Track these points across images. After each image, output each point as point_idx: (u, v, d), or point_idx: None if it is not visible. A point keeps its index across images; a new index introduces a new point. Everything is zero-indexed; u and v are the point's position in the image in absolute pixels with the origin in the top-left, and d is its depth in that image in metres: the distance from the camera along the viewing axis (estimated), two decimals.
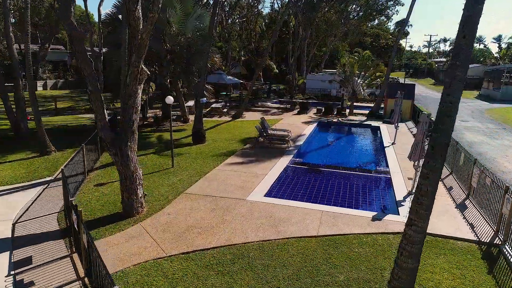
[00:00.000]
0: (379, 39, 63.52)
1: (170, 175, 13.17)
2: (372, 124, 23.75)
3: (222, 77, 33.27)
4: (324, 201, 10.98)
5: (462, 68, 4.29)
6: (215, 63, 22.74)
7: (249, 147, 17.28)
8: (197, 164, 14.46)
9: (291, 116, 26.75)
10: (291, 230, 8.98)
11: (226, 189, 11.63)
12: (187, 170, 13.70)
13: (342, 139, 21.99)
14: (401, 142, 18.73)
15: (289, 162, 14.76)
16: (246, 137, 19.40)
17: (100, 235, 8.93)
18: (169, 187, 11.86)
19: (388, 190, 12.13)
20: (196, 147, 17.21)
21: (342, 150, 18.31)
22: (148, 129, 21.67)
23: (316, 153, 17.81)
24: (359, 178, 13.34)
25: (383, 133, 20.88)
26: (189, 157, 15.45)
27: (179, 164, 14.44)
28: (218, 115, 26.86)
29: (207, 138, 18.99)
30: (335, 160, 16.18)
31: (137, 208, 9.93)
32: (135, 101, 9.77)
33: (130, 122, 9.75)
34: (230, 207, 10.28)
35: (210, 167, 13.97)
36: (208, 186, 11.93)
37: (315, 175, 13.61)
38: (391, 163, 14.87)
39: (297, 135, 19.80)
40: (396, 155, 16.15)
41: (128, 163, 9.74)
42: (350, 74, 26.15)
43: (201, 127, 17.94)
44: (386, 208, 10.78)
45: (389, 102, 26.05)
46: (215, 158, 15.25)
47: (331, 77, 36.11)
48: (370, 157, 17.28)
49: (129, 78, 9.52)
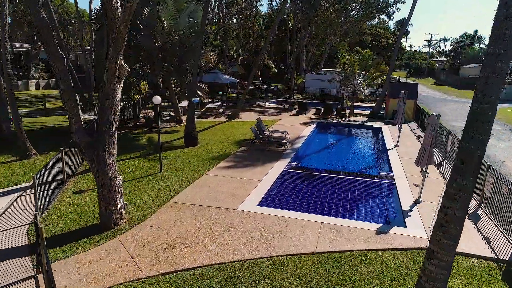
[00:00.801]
0: (380, 38, 62.56)
1: (157, 180, 12.20)
2: (373, 125, 22.79)
3: (219, 76, 32.31)
4: (323, 211, 10.01)
5: (504, 57, 3.32)
6: (210, 61, 21.77)
7: (244, 150, 16.31)
8: (187, 168, 13.49)
9: (289, 117, 25.78)
10: (286, 246, 8.01)
11: (216, 197, 10.66)
12: (176, 175, 12.73)
13: (342, 141, 21.01)
14: (404, 144, 17.77)
15: (285, 166, 13.80)
16: (241, 139, 18.44)
17: (73, 251, 7.96)
18: (154, 195, 10.88)
19: (392, 198, 11.16)
20: (188, 150, 16.23)
21: (342, 153, 17.34)
22: (139, 130, 20.69)
23: (314, 156, 16.84)
24: (361, 184, 12.37)
25: (385, 135, 19.92)
26: (179, 161, 14.48)
27: (168, 169, 13.47)
28: (214, 115, 25.89)
29: (200, 140, 18.04)
30: (335, 164, 15.22)
31: (116, 219, 8.96)
32: (114, 101, 8.81)
33: (108, 124, 8.78)
34: (219, 218, 9.30)
35: (201, 172, 13.00)
36: (197, 193, 10.95)
37: (313, 180, 12.64)
38: (395, 168, 13.91)
39: (295, 137, 18.84)
40: (400, 159, 15.19)
41: (105, 170, 8.77)
42: (350, 73, 25.18)
43: (193, 129, 16.97)
44: (391, 221, 9.81)
45: (391, 102, 25.11)
46: (207, 162, 14.28)
47: (331, 76, 35.17)
48: (372, 160, 16.31)
49: (106, 75, 8.56)
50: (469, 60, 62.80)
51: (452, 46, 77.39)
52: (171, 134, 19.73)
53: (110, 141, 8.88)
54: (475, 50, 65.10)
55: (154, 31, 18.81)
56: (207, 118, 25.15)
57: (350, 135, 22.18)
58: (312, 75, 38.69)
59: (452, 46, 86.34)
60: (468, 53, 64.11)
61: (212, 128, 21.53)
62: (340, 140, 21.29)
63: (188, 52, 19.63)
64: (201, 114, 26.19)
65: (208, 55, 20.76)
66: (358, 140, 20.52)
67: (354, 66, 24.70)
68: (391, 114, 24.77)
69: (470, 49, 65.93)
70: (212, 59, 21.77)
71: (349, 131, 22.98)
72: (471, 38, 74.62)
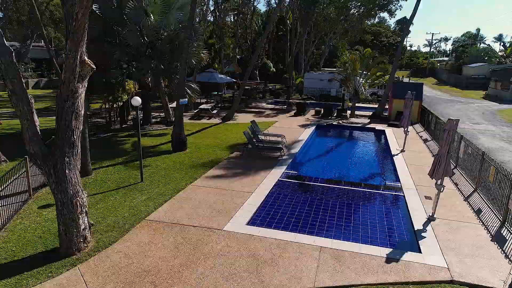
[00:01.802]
0: (380, 36, 61.19)
1: (136, 192, 10.82)
2: (376, 128, 21.42)
3: (214, 75, 30.92)
4: (322, 231, 8.65)
5: None
6: (202, 60, 20.36)
7: (236, 155, 14.94)
8: (172, 177, 12.10)
9: (286, 118, 24.41)
10: (278, 281, 6.63)
11: (201, 213, 9.28)
12: (158, 186, 11.34)
13: (343, 145, 19.59)
14: (411, 149, 16.40)
15: (281, 175, 12.42)
16: (234, 143, 17.06)
17: (21, 284, 6.58)
18: (129, 211, 9.49)
19: (402, 214, 9.79)
20: (175, 156, 14.84)
21: (344, 159, 15.95)
22: (125, 133, 19.28)
23: (313, 163, 15.45)
24: (365, 196, 11.00)
25: (390, 138, 18.55)
26: (164, 168, 13.09)
27: (151, 178, 12.09)
28: (207, 117, 24.50)
29: (190, 144, 16.68)
30: (336, 172, 13.85)
31: (78, 244, 7.58)
32: (75, 104, 7.42)
33: (68, 131, 7.40)
34: (201, 242, 7.92)
35: (187, 182, 11.62)
36: (178, 209, 9.56)
37: (311, 192, 11.26)
38: (403, 176, 12.54)
39: (293, 141, 17.46)
40: (408, 166, 13.83)
41: (65, 186, 7.39)
42: (352, 72, 23.80)
43: (182, 132, 15.58)
44: (402, 244, 8.44)
45: (395, 103, 23.76)
46: (194, 170, 12.90)
47: (331, 76, 33.77)
48: (377, 168, 14.93)
49: (64, 73, 7.17)
50: (472, 60, 61.50)
51: (454, 45, 76.01)
52: (159, 137, 18.34)
53: (71, 150, 7.50)
54: (478, 49, 63.74)
55: (140, 26, 17.42)
56: (200, 120, 23.77)
57: (351, 139, 20.79)
58: (311, 75, 37.31)
59: (453, 45, 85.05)
60: (470, 52, 62.77)
61: (204, 131, 20.15)
62: (341, 144, 19.88)
63: (178, 49, 18.24)
64: (194, 116, 24.83)
65: (200, 52, 19.37)
66: (360, 144, 19.13)
67: (355, 65, 23.32)
68: (394, 115, 23.43)
69: (473, 48, 64.57)
70: (204, 57, 20.37)
71: (351, 134, 21.60)
72: (474, 37, 73.26)
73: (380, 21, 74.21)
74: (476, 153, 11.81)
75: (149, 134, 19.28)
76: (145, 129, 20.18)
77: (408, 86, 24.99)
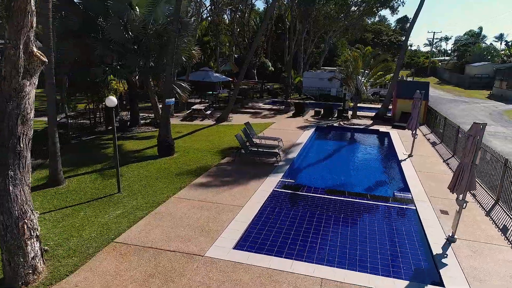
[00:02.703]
0: (381, 35, 59.84)
1: (110, 205, 9.45)
2: (380, 130, 20.05)
3: (208, 74, 29.51)
4: (323, 256, 7.28)
5: None
6: (194, 57, 18.97)
7: (228, 161, 13.57)
8: (154, 187, 10.74)
9: (284, 119, 23.04)
10: None
11: (181, 233, 7.91)
12: (136, 198, 9.97)
13: (345, 149, 18.19)
14: (419, 153, 15.05)
15: (276, 184, 11.05)
16: (227, 147, 15.70)
17: None
18: (98, 229, 8.12)
19: (416, 233, 8.42)
20: (160, 162, 13.47)
21: (346, 165, 14.59)
22: (110, 136, 17.88)
23: (313, 169, 14.06)
24: (372, 210, 9.64)
25: (395, 142, 17.19)
26: (146, 176, 11.72)
27: (130, 188, 10.72)
28: (200, 118, 23.13)
29: (179, 148, 15.34)
30: (338, 179, 12.49)
31: (26, 276, 6.21)
32: (22, 105, 6.06)
33: (14, 139, 6.03)
34: (177, 272, 6.55)
35: (169, 193, 10.25)
36: (155, 227, 8.19)
37: (310, 205, 9.89)
38: (413, 186, 11.18)
39: (290, 144, 16.09)
40: (417, 173, 12.47)
41: (9, 206, 6.02)
42: (353, 70, 22.43)
43: (168, 136, 14.21)
44: (420, 273, 7.08)
45: (399, 103, 22.40)
46: (179, 178, 11.53)
47: (331, 74, 32.42)
48: (383, 175, 13.55)
49: (4, 66, 5.81)
50: (474, 59, 60.18)
51: (457, 44, 74.69)
52: (146, 140, 16.95)
53: (17, 162, 6.13)
54: (481, 48, 62.43)
55: (124, 20, 16.03)
56: (192, 121, 22.40)
57: (354, 142, 19.41)
58: (310, 74, 35.91)
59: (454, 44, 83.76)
60: (473, 51, 61.44)
61: (196, 133, 18.77)
62: (343, 148, 18.48)
63: (167, 45, 16.84)
64: (186, 117, 23.46)
65: (191, 48, 17.98)
66: (364, 148, 17.72)
67: (357, 63, 21.95)
68: (398, 116, 22.09)
69: (475, 47, 63.25)
70: (196, 54, 18.98)
71: (353, 136, 20.23)
72: (476, 35, 71.91)
73: (380, 20, 72.98)
74: (497, 159, 10.46)
75: (136, 136, 17.90)
76: (132, 131, 18.82)
77: (413, 85, 23.63)
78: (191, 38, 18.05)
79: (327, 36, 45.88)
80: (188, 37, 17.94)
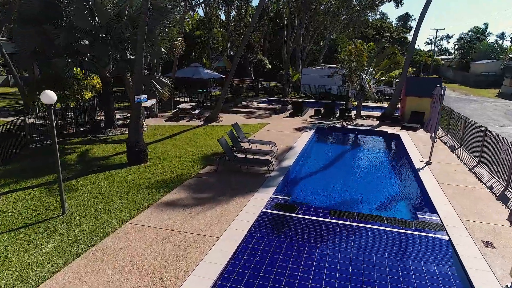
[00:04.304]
0: (383, 31, 57.51)
1: (44, 235, 7.10)
2: (389, 132, 17.69)
3: (199, 71, 27.19)
4: None
5: None
6: (176, 48, 16.57)
7: (210, 171, 11.22)
8: (109, 208, 8.39)
9: (281, 120, 20.70)
10: None
11: (123, 285, 5.55)
12: (82, 223, 7.62)
13: (350, 154, 15.68)
14: (437, 160, 12.73)
15: (267, 203, 8.70)
16: (211, 152, 13.38)
17: None
18: (12, 276, 5.77)
19: (456, 279, 6.06)
20: (128, 172, 11.11)
21: (353, 176, 12.20)
22: (79, 139, 15.52)
23: (312, 182, 11.64)
24: (391, 241, 7.28)
25: (408, 146, 14.85)
26: (105, 192, 9.36)
27: (79, 208, 8.38)
28: (187, 118, 20.81)
29: (156, 153, 13.08)
30: (343, 195, 10.17)
31: None
32: None
33: None
34: None
35: (126, 216, 7.90)
36: (90, 274, 5.83)
37: (310, 234, 7.52)
38: (439, 204, 8.84)
39: (286, 149, 13.75)
40: (440, 186, 10.13)
41: None
42: (358, 65, 20.07)
43: (139, 140, 11.85)
44: None
45: (408, 102, 20.07)
46: (145, 195, 9.18)
47: (331, 71, 30.08)
48: (399, 189, 11.09)
49: None
50: (479, 56, 57.87)
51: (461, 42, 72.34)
52: (119, 144, 14.60)
53: None
54: (487, 45, 60.11)
55: (90, 4, 13.67)
56: (178, 121, 20.08)
57: (360, 146, 17.00)
58: (309, 70, 33.54)
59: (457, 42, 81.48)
60: (479, 48, 59.11)
61: (178, 136, 16.43)
62: (348, 153, 15.98)
63: (146, 36, 14.46)
64: (172, 117, 21.13)
65: (172, 38, 15.61)
66: (372, 154, 15.29)
67: (362, 56, 19.59)
68: (408, 117, 19.76)
69: (481, 44, 60.93)
70: (179, 46, 16.59)
71: (359, 139, 17.84)
72: (482, 32, 69.56)
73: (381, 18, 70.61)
74: None
75: (108, 140, 15.54)
76: (106, 134, 16.44)
77: (424, 82, 21.33)
78: (172, 27, 15.65)
79: (326, 32, 43.54)
80: (169, 25, 15.56)
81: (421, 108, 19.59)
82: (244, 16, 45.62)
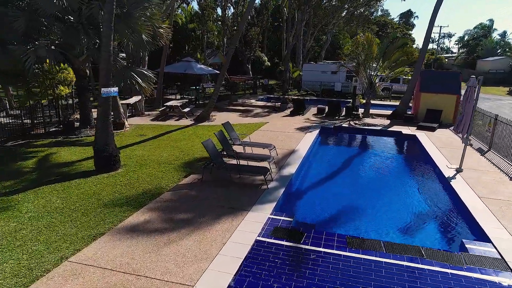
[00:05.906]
0: (386, 27, 55.44)
1: None
2: (403, 132, 15.56)
3: (191, 66, 25.00)
4: None
5: None
6: (161, 37, 14.42)
7: (193, 181, 9.09)
8: (52, 234, 6.26)
9: (280, 119, 18.57)
10: None
11: None
12: (6, 261, 5.49)
13: (362, 159, 13.27)
14: (469, 166, 10.61)
15: (263, 228, 6.57)
16: (198, 157, 11.28)
17: None
18: None
19: None
20: (92, 182, 8.98)
21: (370, 188, 9.98)
22: (47, 140, 13.38)
23: (321, 196, 9.38)
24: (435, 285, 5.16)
25: (429, 148, 12.73)
26: (54, 210, 7.23)
27: (11, 236, 6.26)
28: (176, 117, 18.69)
29: (131, 158, 10.99)
30: (362, 214, 8.05)
31: None
32: None
33: None
34: None
35: (70, 249, 5.78)
36: None
37: (322, 278, 5.40)
38: (490, 228, 6.71)
39: (287, 153, 11.63)
40: (482, 201, 8.02)
41: None
42: (366, 58, 17.93)
43: (108, 143, 9.71)
44: None
45: (423, 98, 17.97)
46: (104, 215, 7.05)
47: (334, 66, 27.92)
48: (431, 206, 8.71)
49: None
50: (485, 54, 55.83)
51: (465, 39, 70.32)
52: (91, 147, 12.44)
53: None
54: (493, 42, 58.06)
55: None
56: (165, 120, 17.95)
57: (373, 149, 14.74)
58: (310, 66, 31.41)
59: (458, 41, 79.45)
60: (485, 45, 57.06)
61: (163, 137, 14.31)
62: (360, 158, 13.58)
63: (124, 21, 12.36)
64: (159, 115, 19.03)
65: (154, 24, 13.49)
66: (388, 159, 12.99)
67: (372, 48, 17.45)
68: (423, 115, 17.65)
69: (488, 40, 58.87)
70: (163, 34, 14.44)
71: (371, 141, 15.66)
72: (487, 28, 67.49)
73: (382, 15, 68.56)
74: None
75: (82, 141, 13.42)
76: (80, 134, 14.30)
77: (440, 76, 19.31)
78: (155, 11, 13.52)
79: (328, 28, 41.43)
80: (152, 9, 13.45)
81: (438, 106, 17.53)
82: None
